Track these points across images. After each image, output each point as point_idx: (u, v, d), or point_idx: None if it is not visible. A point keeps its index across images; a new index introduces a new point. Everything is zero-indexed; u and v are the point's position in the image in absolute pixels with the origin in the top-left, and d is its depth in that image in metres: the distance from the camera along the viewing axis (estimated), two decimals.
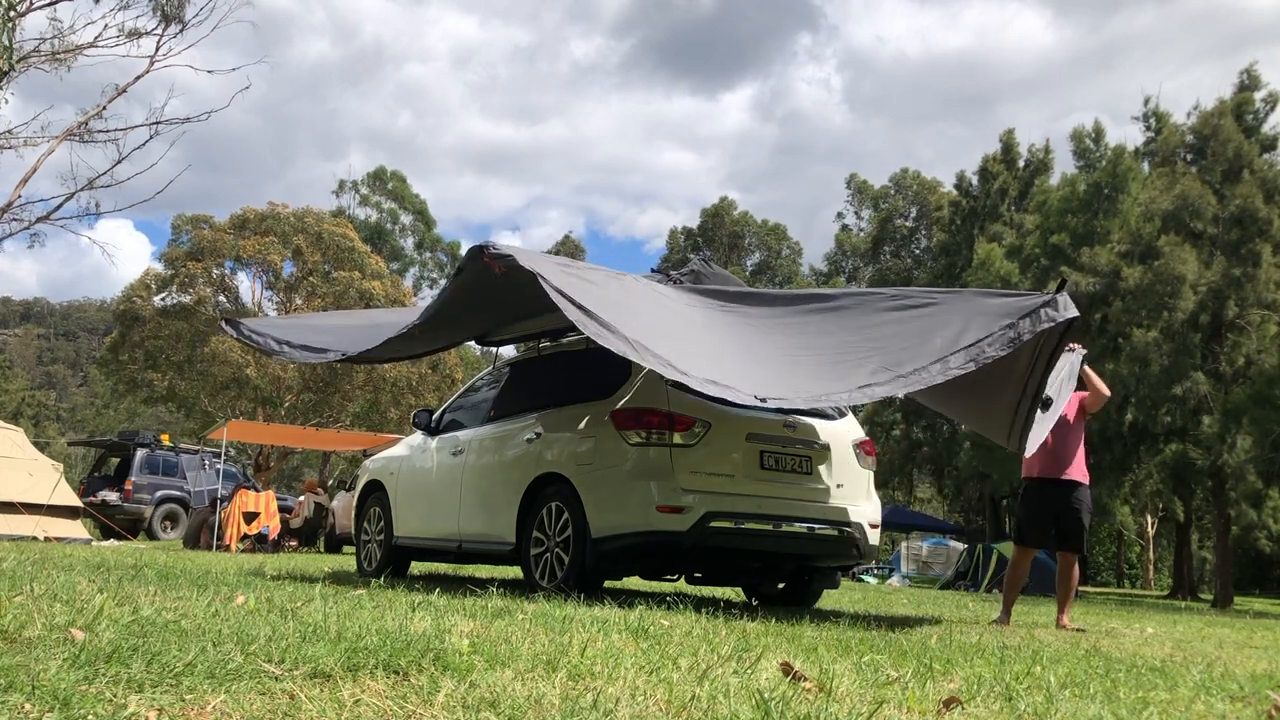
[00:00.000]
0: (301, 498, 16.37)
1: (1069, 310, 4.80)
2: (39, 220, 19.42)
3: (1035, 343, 4.97)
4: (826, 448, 6.06)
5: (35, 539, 11.81)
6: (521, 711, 1.85)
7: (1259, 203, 21.49)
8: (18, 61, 17.24)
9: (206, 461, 20.38)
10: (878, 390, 4.67)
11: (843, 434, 6.23)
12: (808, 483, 5.98)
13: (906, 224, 45.83)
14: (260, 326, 7.05)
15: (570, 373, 6.39)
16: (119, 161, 19.49)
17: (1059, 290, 4.89)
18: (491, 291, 5.58)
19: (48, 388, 74.91)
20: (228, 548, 13.94)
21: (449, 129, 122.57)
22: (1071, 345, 6.09)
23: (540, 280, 4.76)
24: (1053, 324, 4.73)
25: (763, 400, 4.58)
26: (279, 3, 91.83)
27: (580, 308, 4.71)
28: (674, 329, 5.22)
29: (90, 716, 1.61)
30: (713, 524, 5.52)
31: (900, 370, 4.69)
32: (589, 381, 6.05)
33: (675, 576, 7.30)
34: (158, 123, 19.83)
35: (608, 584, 6.59)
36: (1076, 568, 6.51)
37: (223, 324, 7.26)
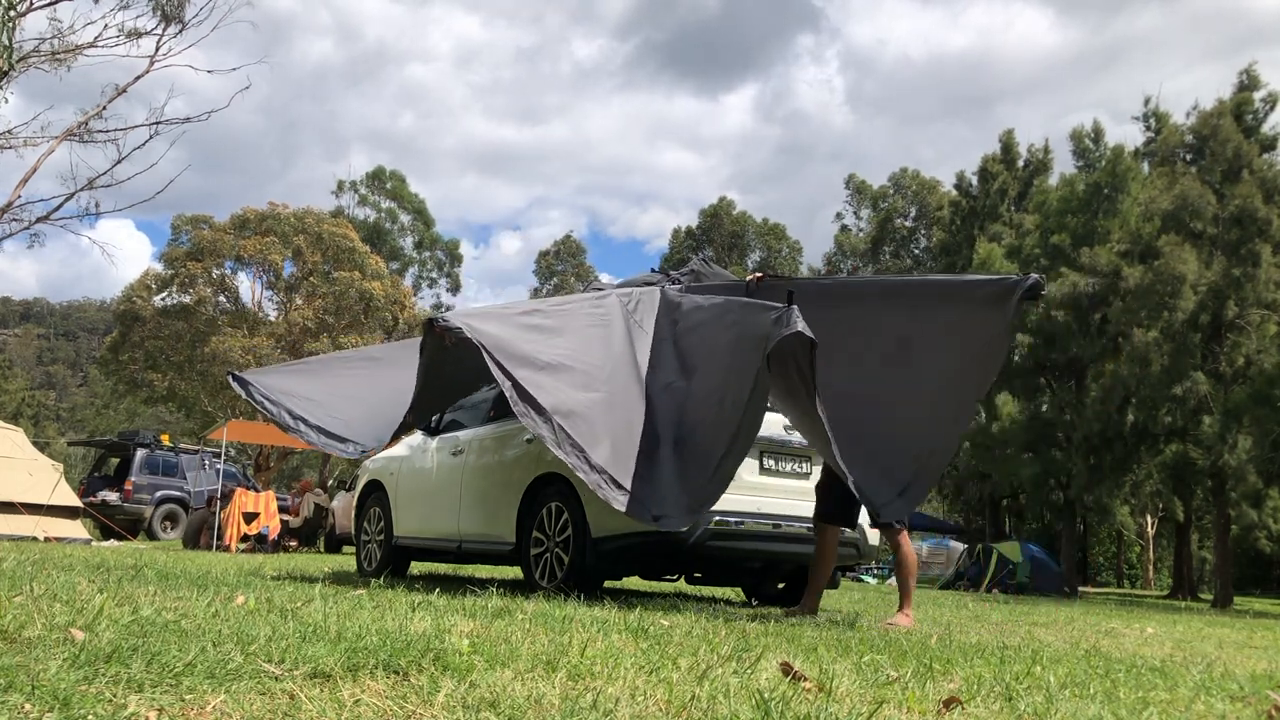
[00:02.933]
0: (300, 498, 16.37)
1: (793, 326, 4.50)
2: (39, 220, 19.40)
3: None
4: None
5: (35, 539, 11.80)
6: (521, 711, 1.85)
7: (1259, 203, 21.48)
8: (18, 61, 17.23)
9: (206, 461, 20.38)
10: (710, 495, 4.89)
11: None
12: (808, 483, 5.98)
13: (906, 224, 45.85)
14: (272, 391, 6.49)
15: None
16: (119, 161, 19.48)
17: (789, 302, 4.64)
18: (466, 358, 5.34)
19: (48, 388, 74.89)
20: (228, 548, 13.93)
21: (451, 130, 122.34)
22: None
23: (484, 353, 4.90)
24: (779, 340, 4.51)
25: (656, 520, 4.85)
26: (282, 3, 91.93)
27: (516, 385, 4.86)
28: (606, 398, 5.22)
29: (90, 716, 1.61)
30: (713, 524, 5.53)
31: (712, 458, 4.88)
32: None
33: (675, 576, 7.31)
34: (158, 123, 19.83)
35: (608, 584, 6.59)
36: (828, 541, 5.49)
37: (230, 379, 6.72)
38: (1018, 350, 27.09)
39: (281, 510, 15.67)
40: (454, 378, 5.80)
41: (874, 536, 6.23)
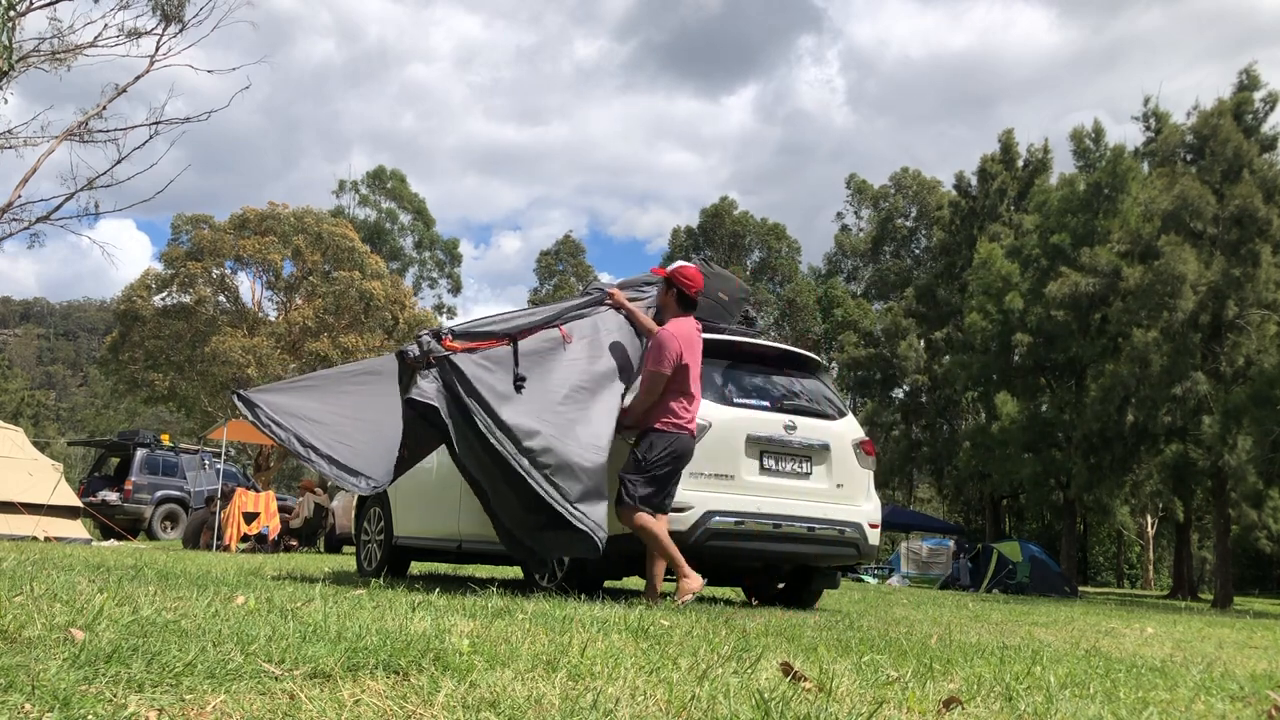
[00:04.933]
0: (301, 498, 16.37)
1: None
2: (39, 220, 19.39)
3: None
4: (826, 448, 6.07)
5: (35, 539, 11.80)
6: (521, 711, 1.85)
7: (1258, 203, 21.46)
8: (18, 61, 17.24)
9: (206, 461, 20.38)
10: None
11: (843, 434, 6.24)
12: (808, 483, 5.98)
13: (906, 224, 45.85)
14: (280, 413, 6.22)
15: None
16: (119, 161, 19.48)
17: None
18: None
19: (48, 388, 74.82)
20: (228, 548, 13.93)
21: (452, 130, 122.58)
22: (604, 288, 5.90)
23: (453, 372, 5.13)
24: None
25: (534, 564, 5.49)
26: (284, 4, 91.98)
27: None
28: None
29: (90, 716, 1.61)
30: (713, 524, 5.53)
31: None
32: None
33: (675, 576, 7.30)
34: (158, 122, 19.82)
35: (608, 584, 6.59)
36: (645, 531, 5.23)
37: (235, 400, 6.41)
38: (1018, 350, 27.13)
39: (282, 510, 15.67)
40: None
41: (874, 536, 6.23)
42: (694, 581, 5.28)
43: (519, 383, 5.12)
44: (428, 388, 5.03)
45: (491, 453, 5.00)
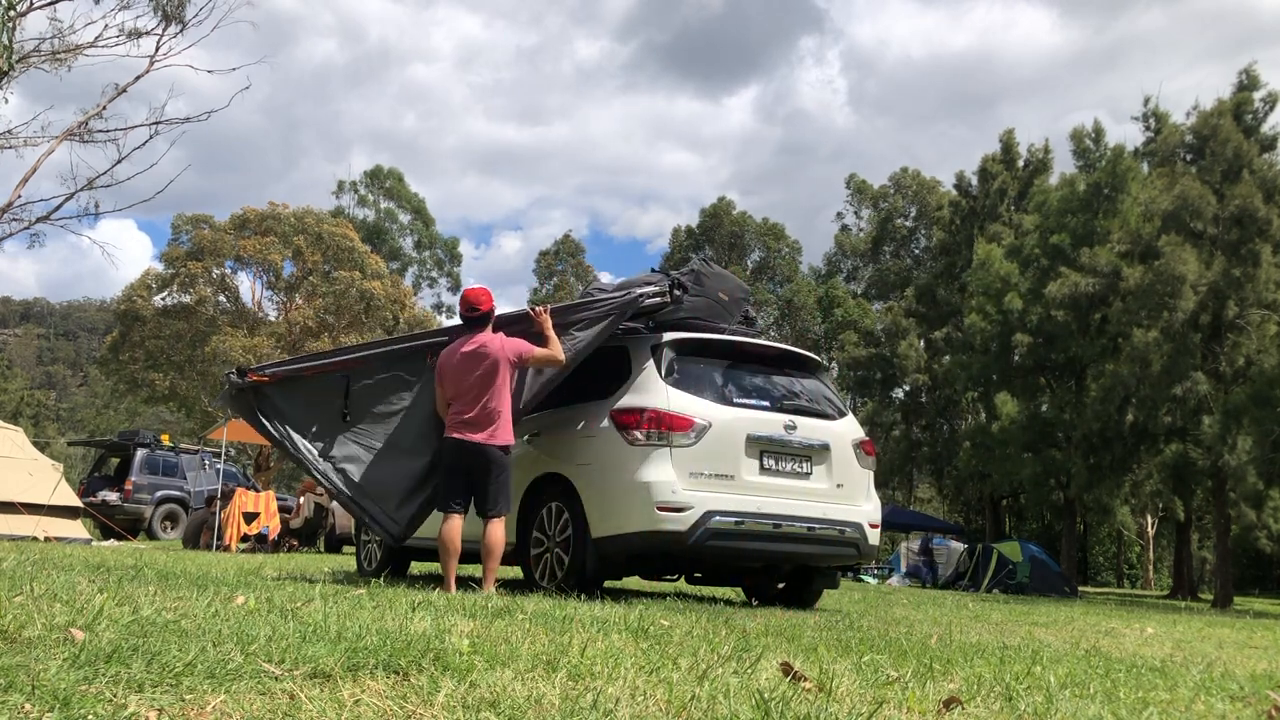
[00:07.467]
0: (301, 499, 16.36)
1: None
2: (39, 220, 19.36)
3: None
4: (826, 448, 6.07)
5: (35, 539, 11.80)
6: (521, 711, 1.85)
7: (1258, 203, 21.45)
8: (18, 61, 17.23)
9: (206, 461, 20.37)
10: None
11: (843, 434, 6.24)
12: (808, 482, 5.98)
13: (906, 224, 45.83)
14: (279, 407, 5.99)
15: (570, 373, 6.39)
16: (119, 161, 19.44)
17: None
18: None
19: (48, 388, 74.77)
20: (228, 548, 13.93)
21: (452, 130, 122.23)
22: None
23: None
24: None
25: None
26: (286, 4, 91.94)
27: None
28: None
29: (90, 716, 1.61)
30: (713, 524, 5.53)
31: None
32: (589, 382, 6.06)
33: (675, 576, 7.31)
34: (158, 122, 19.79)
35: (608, 584, 6.59)
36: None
37: (231, 376, 6.09)
38: (1018, 350, 27.12)
39: (282, 510, 15.66)
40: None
41: (874, 536, 6.23)
42: (447, 589, 5.56)
43: (345, 414, 5.89)
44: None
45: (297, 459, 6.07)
